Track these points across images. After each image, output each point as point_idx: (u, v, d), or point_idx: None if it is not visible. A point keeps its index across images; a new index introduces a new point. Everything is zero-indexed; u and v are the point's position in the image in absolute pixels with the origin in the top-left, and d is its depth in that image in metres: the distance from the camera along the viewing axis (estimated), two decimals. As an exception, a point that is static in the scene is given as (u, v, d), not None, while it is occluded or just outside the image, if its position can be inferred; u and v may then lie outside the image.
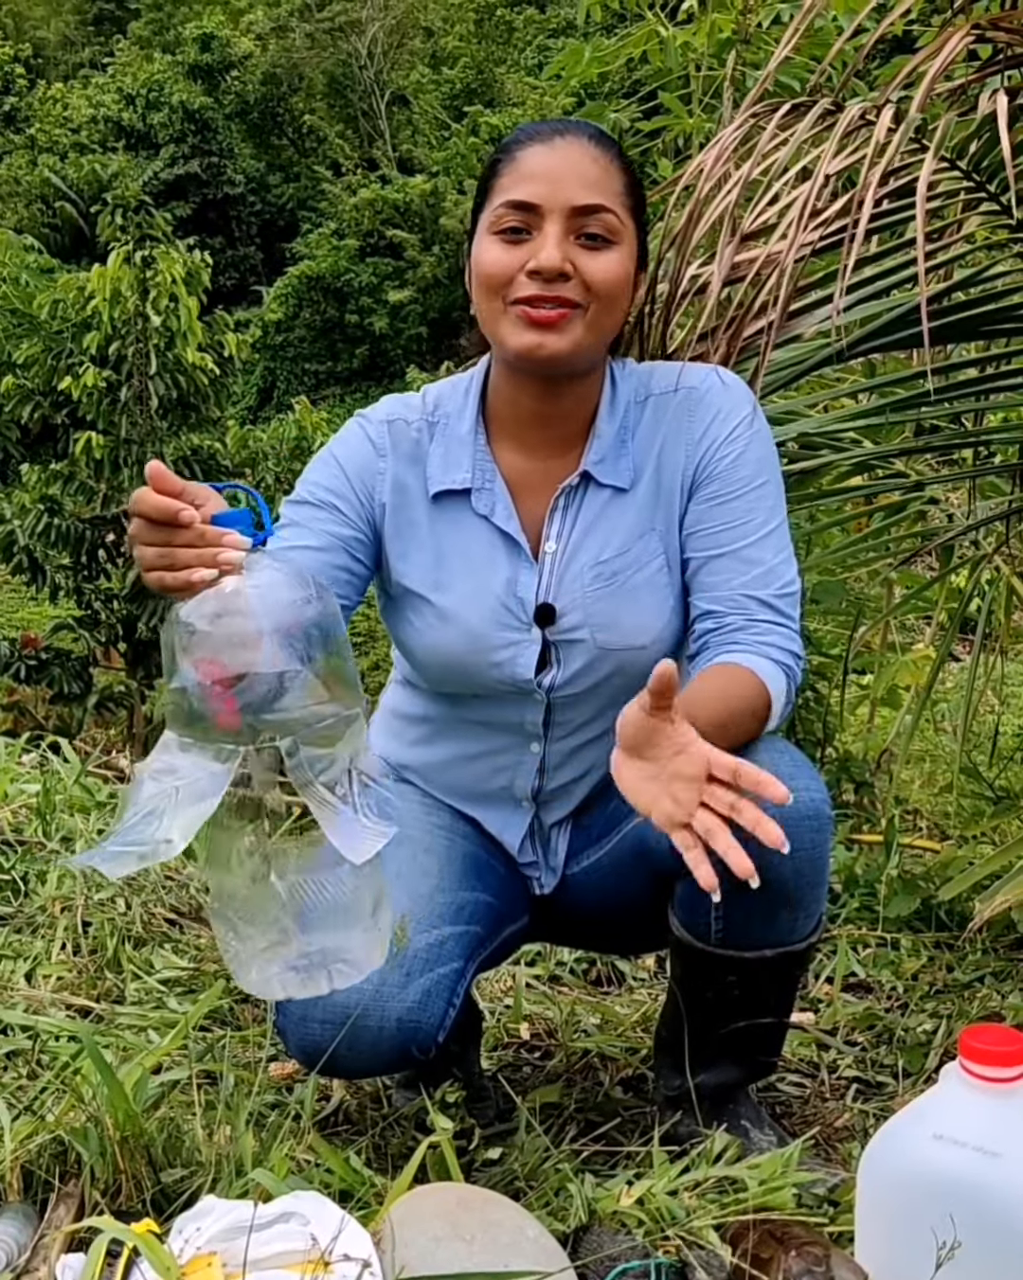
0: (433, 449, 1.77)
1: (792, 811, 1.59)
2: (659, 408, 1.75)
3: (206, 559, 1.33)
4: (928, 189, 2.02)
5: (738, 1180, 1.59)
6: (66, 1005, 2.18)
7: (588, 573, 1.74)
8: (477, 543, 1.76)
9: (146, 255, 8.25)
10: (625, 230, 1.65)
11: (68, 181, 29.23)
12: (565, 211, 1.62)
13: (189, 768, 1.36)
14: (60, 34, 38.04)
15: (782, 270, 1.93)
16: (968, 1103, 1.29)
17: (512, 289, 1.64)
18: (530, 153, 1.65)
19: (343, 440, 1.80)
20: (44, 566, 8.45)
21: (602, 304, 1.64)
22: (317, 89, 33.61)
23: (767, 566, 1.71)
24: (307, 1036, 1.63)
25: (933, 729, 4.73)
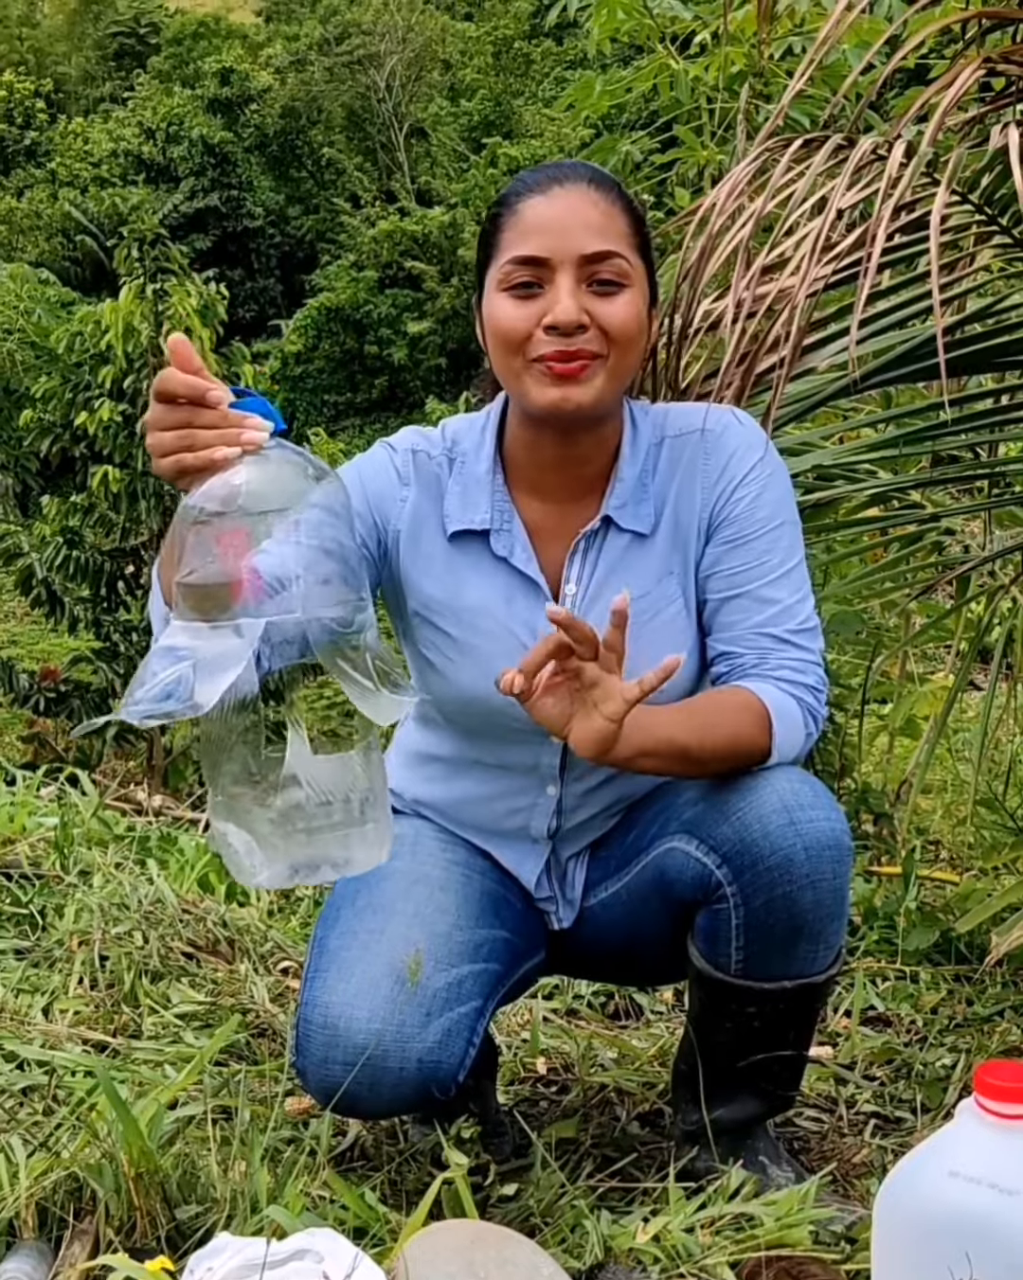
0: (451, 486, 1.77)
1: (812, 841, 1.61)
2: (676, 450, 1.75)
3: (230, 438, 1.32)
4: (942, 222, 2.03)
5: (754, 1217, 1.59)
6: (83, 1040, 2.18)
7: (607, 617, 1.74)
8: (495, 584, 1.76)
9: (159, 289, 8.29)
10: (635, 271, 1.65)
11: (88, 215, 29.51)
12: (575, 261, 1.61)
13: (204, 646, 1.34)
14: (81, 69, 38.46)
15: (794, 304, 1.93)
16: (983, 1140, 1.28)
17: (531, 346, 1.63)
18: (531, 205, 1.63)
19: (369, 461, 1.80)
20: (63, 599, 8.49)
21: (621, 349, 1.64)
22: (335, 122, 33.89)
23: (783, 605, 1.71)
24: (327, 1078, 1.63)
25: (953, 759, 4.70)
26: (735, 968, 1.69)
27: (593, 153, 4.56)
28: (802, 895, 1.62)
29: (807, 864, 1.61)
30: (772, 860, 1.61)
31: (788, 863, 1.61)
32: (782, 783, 1.64)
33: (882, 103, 3.50)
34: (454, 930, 1.73)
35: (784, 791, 1.64)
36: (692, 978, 1.79)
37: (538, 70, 32.43)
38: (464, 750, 1.85)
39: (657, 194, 4.81)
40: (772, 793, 1.64)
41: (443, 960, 1.68)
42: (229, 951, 2.61)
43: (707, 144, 4.09)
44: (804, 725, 1.69)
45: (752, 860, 1.63)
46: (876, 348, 2.41)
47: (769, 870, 1.62)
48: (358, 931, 1.69)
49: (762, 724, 1.64)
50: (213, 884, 3.03)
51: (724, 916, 1.67)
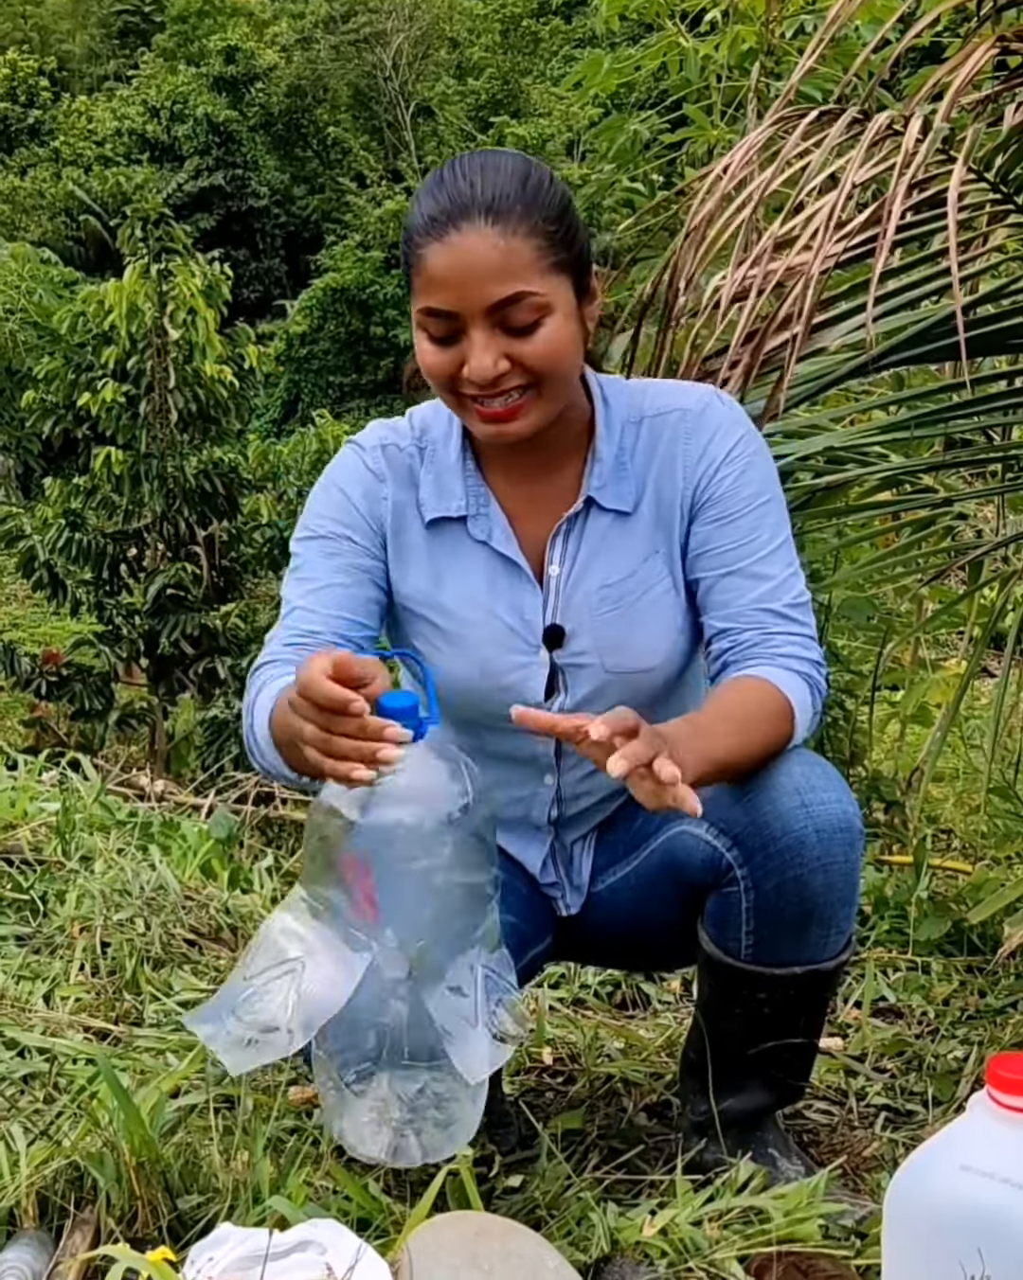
0: (424, 475, 1.76)
1: (824, 824, 1.61)
2: (655, 429, 1.74)
3: (366, 754, 1.32)
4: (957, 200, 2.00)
5: (763, 1211, 1.57)
6: (84, 1027, 2.16)
7: (595, 596, 1.73)
8: (477, 568, 1.75)
9: (163, 269, 8.25)
10: (554, 294, 1.58)
11: (92, 194, 29.38)
12: (483, 312, 1.56)
13: (317, 941, 1.40)
14: (85, 47, 38.26)
15: (806, 281, 1.91)
16: (996, 1133, 1.27)
17: (458, 387, 1.62)
18: (432, 254, 1.57)
19: (342, 469, 1.79)
20: (65, 582, 8.46)
21: (552, 376, 1.61)
22: (341, 101, 33.71)
23: (776, 581, 1.71)
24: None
25: (965, 747, 4.67)
26: (746, 953, 1.69)
27: (602, 131, 4.53)
28: (813, 878, 1.62)
29: (818, 846, 1.61)
30: (783, 843, 1.61)
31: (799, 845, 1.61)
32: (794, 765, 1.64)
33: (895, 81, 3.46)
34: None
35: (796, 774, 1.64)
36: (701, 963, 1.78)
37: (546, 48, 32.20)
38: (459, 741, 1.82)
39: (666, 173, 4.77)
40: (783, 776, 1.63)
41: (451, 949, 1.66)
42: (232, 939, 2.60)
43: (717, 123, 4.06)
44: (814, 705, 1.69)
45: (763, 842, 1.62)
46: (887, 328, 2.39)
47: (781, 853, 1.62)
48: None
49: (788, 718, 1.64)
50: (215, 870, 3.02)
51: (735, 900, 1.67)
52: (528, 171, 1.60)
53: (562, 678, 1.74)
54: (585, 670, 1.73)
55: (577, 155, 25.34)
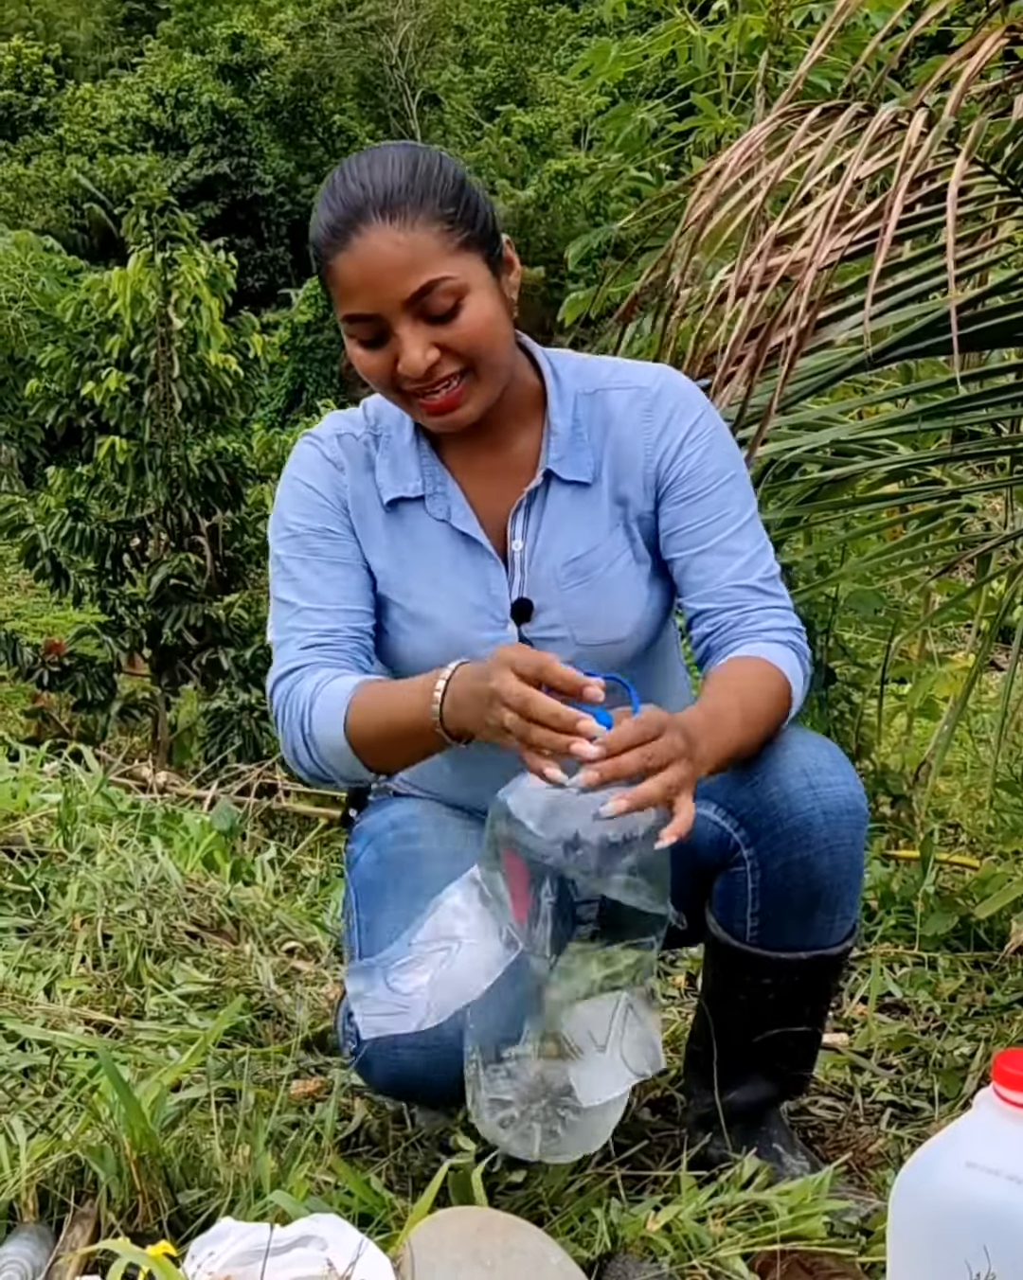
0: (380, 459, 1.77)
1: (831, 806, 1.62)
2: (610, 403, 1.76)
3: (559, 746, 1.37)
4: (962, 193, 1.99)
5: (768, 1207, 1.57)
6: (85, 1020, 2.16)
7: (562, 570, 1.74)
8: (438, 547, 1.75)
9: (168, 257, 8.23)
10: (466, 274, 1.60)
11: (96, 182, 29.31)
12: (400, 307, 1.58)
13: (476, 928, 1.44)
14: (90, 34, 38.17)
15: (805, 278, 1.89)
16: (1002, 1130, 1.27)
17: (398, 384, 1.64)
18: (341, 264, 1.60)
19: (302, 465, 1.80)
20: (68, 571, 8.43)
21: (484, 354, 1.62)
22: (347, 88, 33.61)
23: (748, 556, 1.73)
24: (396, 1062, 1.60)
25: (973, 741, 4.65)
26: (751, 935, 1.69)
27: (609, 120, 4.50)
28: (819, 860, 1.63)
29: (825, 828, 1.62)
30: (790, 823, 1.62)
31: (807, 826, 1.62)
32: (800, 747, 1.65)
33: (903, 70, 3.45)
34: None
35: (803, 756, 1.65)
36: (707, 949, 1.79)
37: (553, 37, 32.10)
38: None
39: (674, 163, 4.75)
40: (791, 757, 1.64)
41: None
42: (234, 931, 2.60)
43: (724, 112, 4.03)
44: (804, 671, 1.71)
45: (770, 823, 1.63)
46: (896, 320, 2.37)
47: (788, 834, 1.62)
48: (412, 916, 1.63)
49: (788, 694, 1.66)
50: (217, 863, 3.01)
51: (741, 880, 1.67)
52: (416, 160, 1.63)
53: None
54: (555, 644, 1.73)
55: (584, 144, 25.29)
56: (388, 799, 1.94)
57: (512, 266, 1.69)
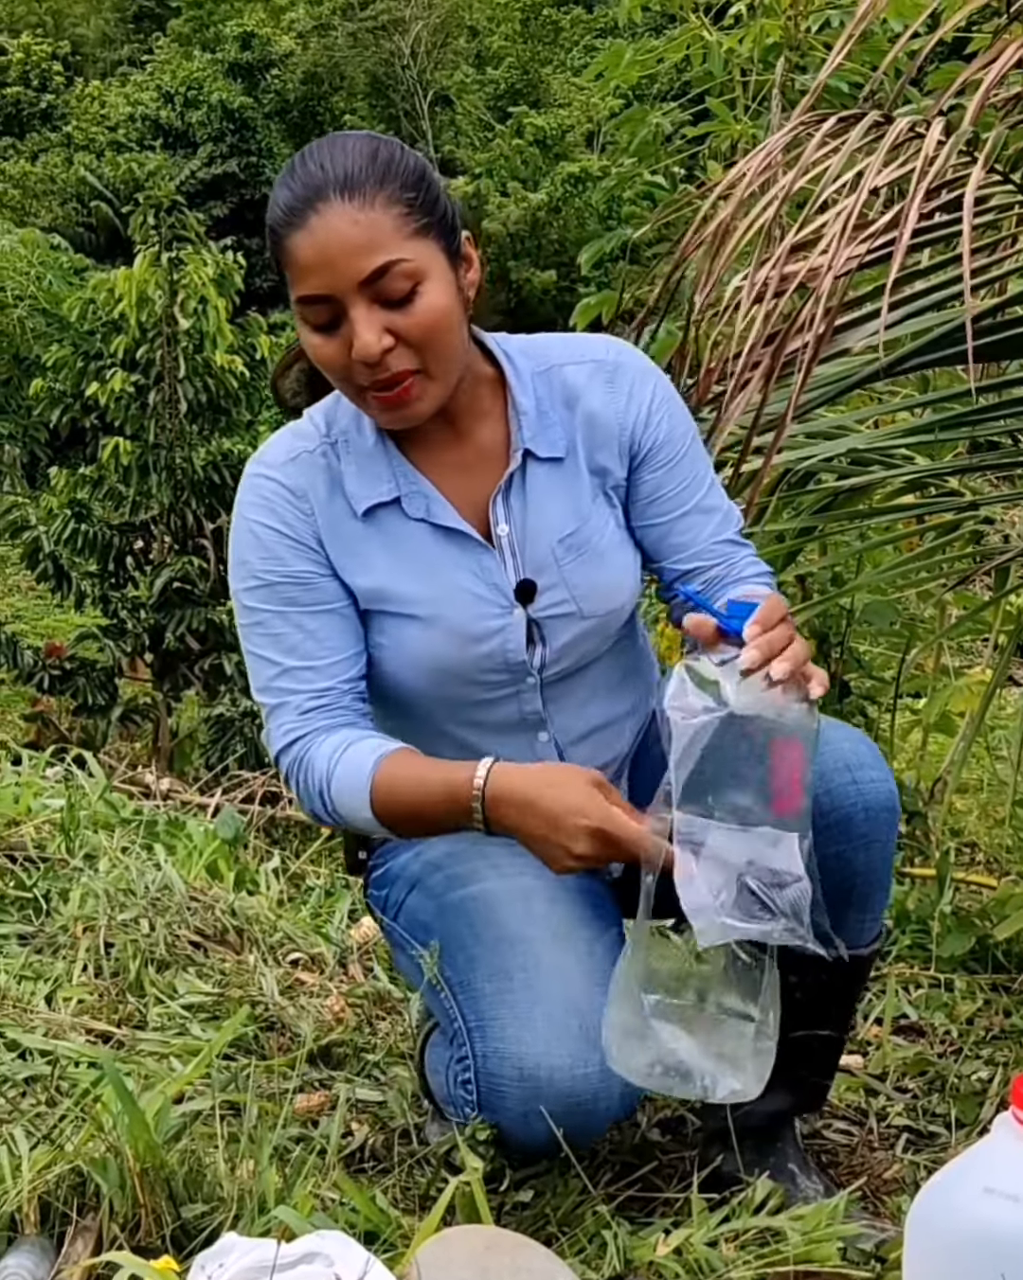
0: (345, 468, 1.72)
1: (873, 801, 1.64)
2: (569, 377, 1.75)
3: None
4: (981, 202, 1.97)
5: (780, 1231, 1.54)
6: (87, 1030, 2.14)
7: (559, 547, 1.73)
8: (423, 546, 1.72)
9: (175, 257, 8.21)
10: (423, 259, 1.58)
11: (104, 180, 29.30)
12: (355, 288, 1.55)
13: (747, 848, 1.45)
14: (99, 31, 38.17)
15: (824, 283, 1.88)
16: (1020, 1155, 1.24)
17: (352, 375, 1.60)
18: (296, 243, 1.57)
19: (260, 504, 1.72)
20: (70, 574, 8.41)
21: (436, 349, 1.60)
22: (358, 88, 33.62)
23: (723, 511, 1.80)
24: (532, 1129, 1.58)
25: (990, 757, 4.62)
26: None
27: (623, 123, 4.49)
28: (856, 855, 1.63)
29: (865, 824, 1.63)
30: (832, 818, 1.61)
31: (847, 821, 1.62)
32: (842, 741, 1.66)
33: (920, 77, 3.42)
34: (593, 943, 1.67)
35: (846, 750, 1.65)
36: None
37: (567, 38, 32.13)
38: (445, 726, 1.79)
39: (688, 167, 4.73)
40: (833, 750, 1.63)
41: (601, 979, 1.61)
42: (238, 941, 2.57)
43: (740, 118, 4.02)
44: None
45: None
46: (914, 329, 2.35)
47: (828, 828, 1.60)
48: (510, 971, 1.63)
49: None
50: (221, 871, 2.99)
51: None
52: (377, 146, 1.61)
53: (538, 630, 1.73)
54: (563, 619, 1.73)
55: (597, 147, 25.28)
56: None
57: (470, 264, 1.67)
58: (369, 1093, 1.98)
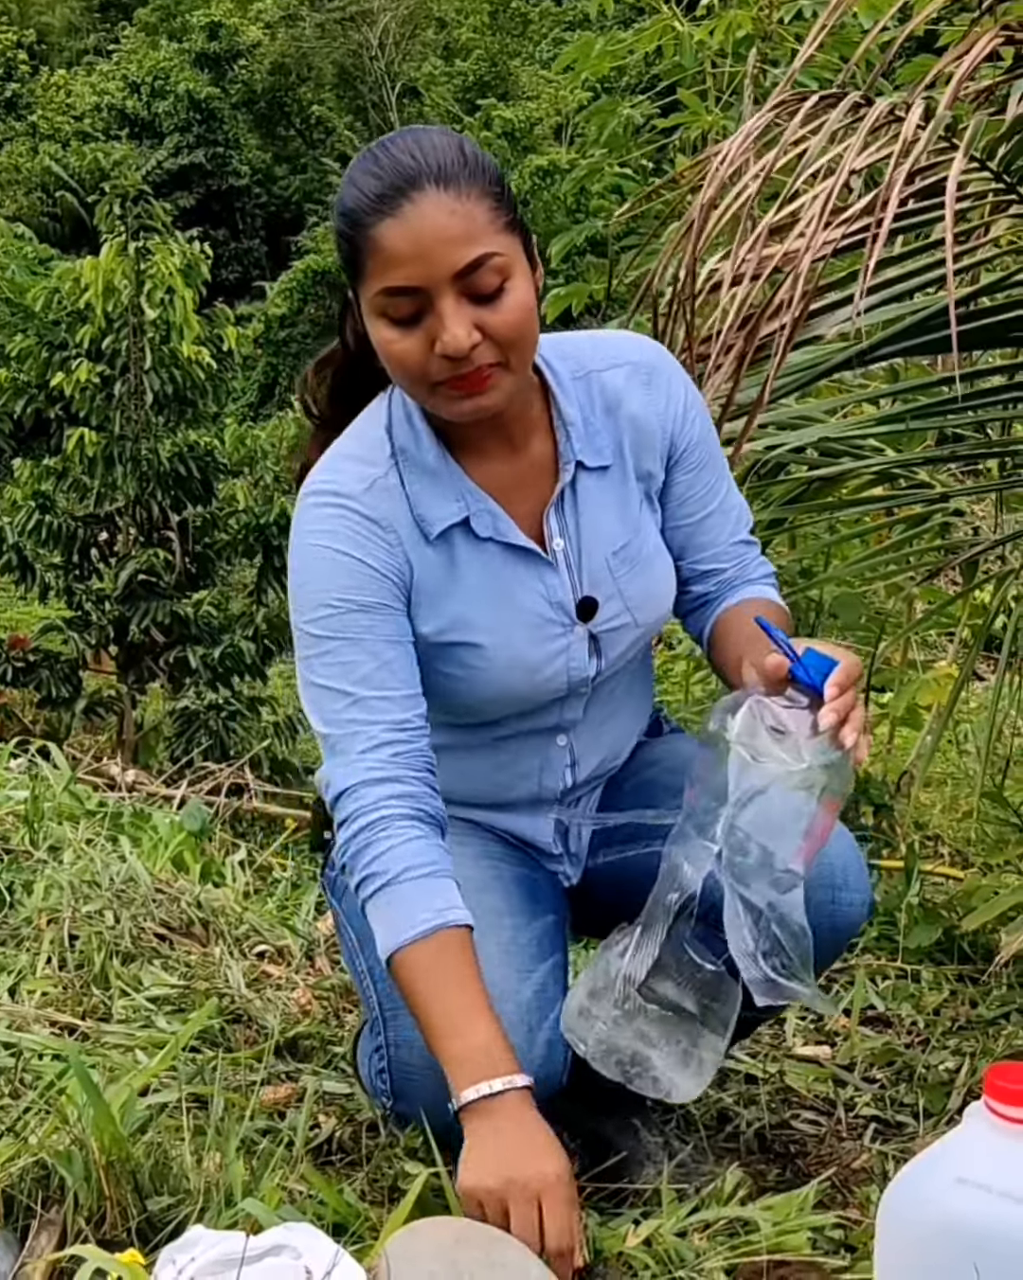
0: (412, 489, 1.67)
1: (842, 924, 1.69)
2: (607, 383, 1.73)
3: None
4: (957, 189, 1.97)
5: (750, 1221, 1.54)
6: (51, 1022, 2.11)
7: (613, 560, 1.72)
8: (491, 568, 1.69)
9: (141, 247, 8.15)
10: (511, 253, 1.55)
11: (69, 170, 29.12)
12: (449, 281, 1.51)
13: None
14: (65, 20, 37.92)
15: (800, 268, 1.87)
16: (993, 1145, 1.24)
17: (429, 372, 1.55)
18: (385, 231, 1.51)
19: (339, 534, 1.64)
20: (34, 565, 8.36)
21: (517, 348, 1.57)
22: (326, 79, 33.53)
23: (739, 508, 1.83)
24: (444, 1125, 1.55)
25: (956, 751, 4.64)
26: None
27: (592, 115, 4.48)
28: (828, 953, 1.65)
29: (829, 940, 1.63)
30: None
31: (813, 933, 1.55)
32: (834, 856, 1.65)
33: (891, 71, 3.43)
34: (517, 933, 1.66)
35: (836, 868, 1.66)
36: None
37: (536, 31, 32.08)
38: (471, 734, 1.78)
39: (656, 160, 4.73)
40: (824, 866, 1.61)
41: (522, 969, 1.62)
42: (203, 933, 2.55)
43: (711, 109, 4.01)
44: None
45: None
46: (884, 318, 2.35)
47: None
48: None
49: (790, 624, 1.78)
50: (187, 863, 2.97)
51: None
52: (460, 140, 1.59)
53: (596, 644, 1.72)
54: (620, 631, 1.73)
55: (565, 140, 25.25)
56: None
57: (537, 266, 1.63)
58: (336, 1085, 1.97)
